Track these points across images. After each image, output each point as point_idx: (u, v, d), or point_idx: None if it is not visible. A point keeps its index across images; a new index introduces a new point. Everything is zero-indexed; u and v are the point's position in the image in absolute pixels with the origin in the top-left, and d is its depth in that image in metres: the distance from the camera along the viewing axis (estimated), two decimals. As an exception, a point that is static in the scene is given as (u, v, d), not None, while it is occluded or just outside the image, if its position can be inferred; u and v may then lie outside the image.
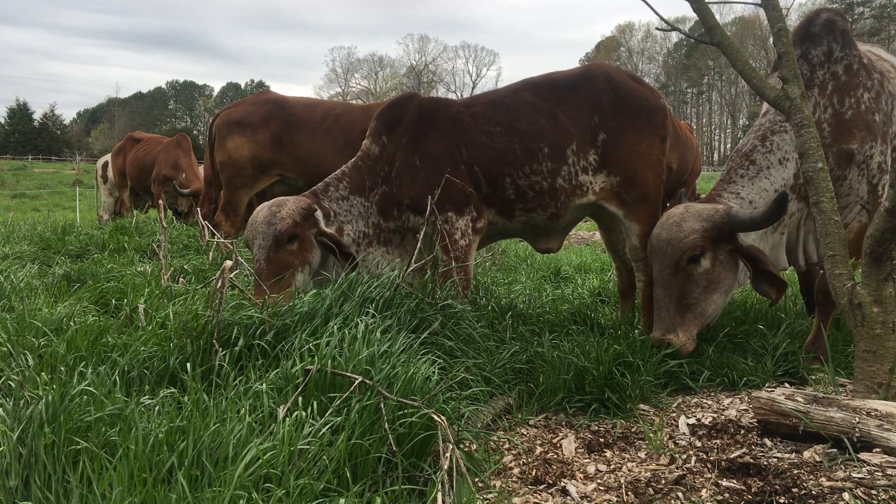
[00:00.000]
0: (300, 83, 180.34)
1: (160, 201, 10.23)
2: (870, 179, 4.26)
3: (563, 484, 2.79)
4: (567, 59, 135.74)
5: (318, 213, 4.67)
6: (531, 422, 3.49)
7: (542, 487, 2.78)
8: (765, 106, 4.51)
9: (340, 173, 4.91)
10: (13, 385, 2.93)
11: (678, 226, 3.98)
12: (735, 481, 2.74)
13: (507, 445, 3.19)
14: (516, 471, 2.93)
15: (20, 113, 78.63)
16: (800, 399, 3.07)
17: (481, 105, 4.94)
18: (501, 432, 3.30)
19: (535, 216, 4.85)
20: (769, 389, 3.34)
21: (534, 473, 2.88)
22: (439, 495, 2.34)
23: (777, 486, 2.64)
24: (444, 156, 4.73)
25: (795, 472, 2.74)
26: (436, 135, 4.79)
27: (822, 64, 4.38)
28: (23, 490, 2.31)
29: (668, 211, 4.16)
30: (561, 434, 3.34)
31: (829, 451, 2.87)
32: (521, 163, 4.73)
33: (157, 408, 2.72)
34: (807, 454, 2.89)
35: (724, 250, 3.98)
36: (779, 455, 2.93)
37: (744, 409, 3.54)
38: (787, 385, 3.88)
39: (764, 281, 3.93)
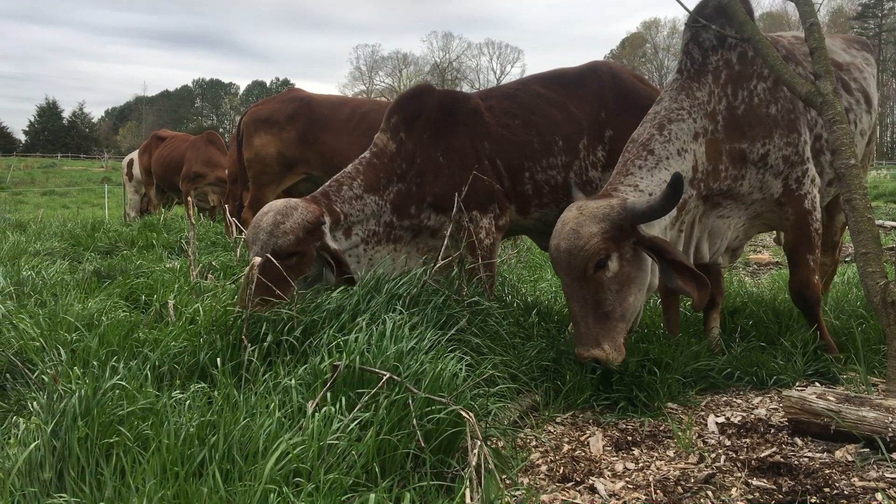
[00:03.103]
0: (325, 81, 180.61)
1: (189, 198, 10.32)
2: (777, 175, 4.05)
3: (591, 482, 2.78)
4: (592, 56, 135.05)
5: (326, 225, 4.29)
6: (558, 419, 3.48)
7: (569, 485, 2.77)
8: (661, 92, 4.24)
9: (354, 170, 4.62)
10: (47, 379, 2.98)
11: (576, 233, 3.54)
12: (765, 480, 2.71)
13: (534, 443, 3.19)
14: (544, 468, 2.93)
15: (49, 111, 79.76)
16: (831, 398, 3.03)
17: (496, 98, 4.91)
18: (529, 429, 3.29)
19: (548, 212, 4.81)
20: (800, 388, 3.30)
21: (561, 471, 2.87)
22: (467, 492, 2.34)
23: (808, 486, 2.61)
24: (469, 151, 4.67)
25: (827, 471, 2.71)
26: (458, 129, 4.70)
27: (715, 49, 4.09)
28: (57, 482, 2.36)
29: (562, 215, 3.72)
30: (588, 432, 3.33)
31: (862, 450, 2.84)
32: (538, 156, 4.71)
33: (188, 402, 2.75)
34: (839, 454, 2.86)
35: (629, 246, 3.58)
36: (810, 454, 2.90)
37: (774, 408, 3.51)
38: (817, 384, 3.83)
39: (675, 275, 3.54)
